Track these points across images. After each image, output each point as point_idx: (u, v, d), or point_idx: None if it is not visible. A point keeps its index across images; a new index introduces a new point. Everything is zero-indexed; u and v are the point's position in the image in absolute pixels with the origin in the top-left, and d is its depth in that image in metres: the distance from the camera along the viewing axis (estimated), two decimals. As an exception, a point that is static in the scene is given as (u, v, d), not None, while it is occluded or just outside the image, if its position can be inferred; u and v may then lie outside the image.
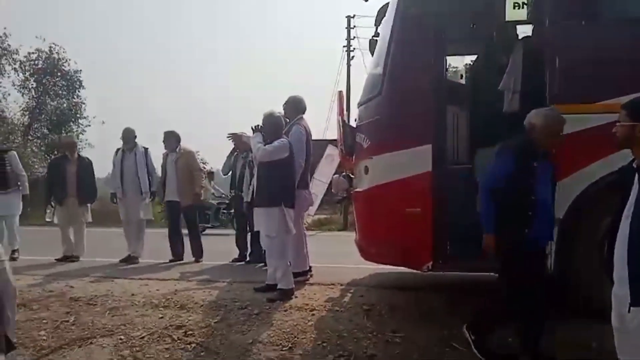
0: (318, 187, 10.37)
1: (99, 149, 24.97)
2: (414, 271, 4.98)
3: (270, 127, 5.27)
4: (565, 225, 4.07)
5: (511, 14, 6.06)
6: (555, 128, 3.46)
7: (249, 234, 7.13)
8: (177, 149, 7.54)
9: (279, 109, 5.75)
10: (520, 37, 5.54)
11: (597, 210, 4.00)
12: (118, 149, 7.62)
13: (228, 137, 7.12)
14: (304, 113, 5.90)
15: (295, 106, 5.85)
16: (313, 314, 4.66)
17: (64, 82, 24.19)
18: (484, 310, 3.93)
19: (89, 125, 24.90)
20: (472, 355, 3.76)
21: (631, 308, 2.50)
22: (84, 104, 24.78)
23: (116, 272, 6.65)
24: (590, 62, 4.13)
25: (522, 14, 5.96)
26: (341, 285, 5.66)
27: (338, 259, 7.18)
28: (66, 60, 23.97)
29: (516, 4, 6.10)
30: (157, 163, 7.79)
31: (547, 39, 4.40)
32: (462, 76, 6.71)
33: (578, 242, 4.18)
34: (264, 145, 5.13)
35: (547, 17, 4.39)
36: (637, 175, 2.57)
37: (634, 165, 2.62)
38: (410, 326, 4.32)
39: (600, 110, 3.91)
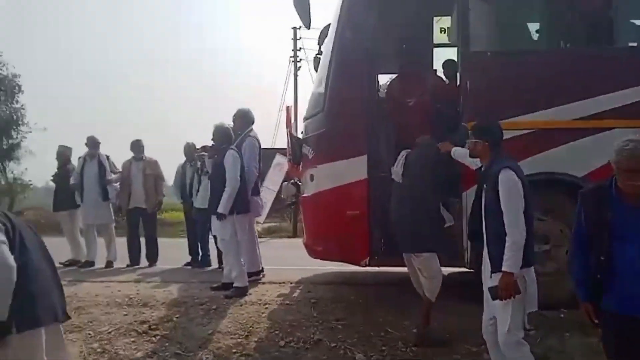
0: (267, 194, 10.71)
1: (39, 156, 24.31)
2: (354, 268, 5.63)
3: (221, 137, 5.83)
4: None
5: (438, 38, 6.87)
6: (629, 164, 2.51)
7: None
8: (143, 157, 7.86)
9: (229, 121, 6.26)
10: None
11: None
12: (80, 157, 7.86)
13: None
14: (253, 124, 6.35)
15: (244, 119, 6.29)
16: (266, 307, 5.21)
17: (2, 88, 22.87)
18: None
19: (30, 132, 23.85)
20: (403, 337, 4.44)
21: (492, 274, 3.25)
22: (23, 109, 23.66)
23: (77, 275, 6.95)
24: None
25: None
26: (291, 283, 6.20)
27: (289, 261, 7.63)
28: (4, 65, 22.97)
29: (442, 29, 6.91)
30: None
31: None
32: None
33: None
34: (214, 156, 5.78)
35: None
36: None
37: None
38: (350, 315, 4.94)
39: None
